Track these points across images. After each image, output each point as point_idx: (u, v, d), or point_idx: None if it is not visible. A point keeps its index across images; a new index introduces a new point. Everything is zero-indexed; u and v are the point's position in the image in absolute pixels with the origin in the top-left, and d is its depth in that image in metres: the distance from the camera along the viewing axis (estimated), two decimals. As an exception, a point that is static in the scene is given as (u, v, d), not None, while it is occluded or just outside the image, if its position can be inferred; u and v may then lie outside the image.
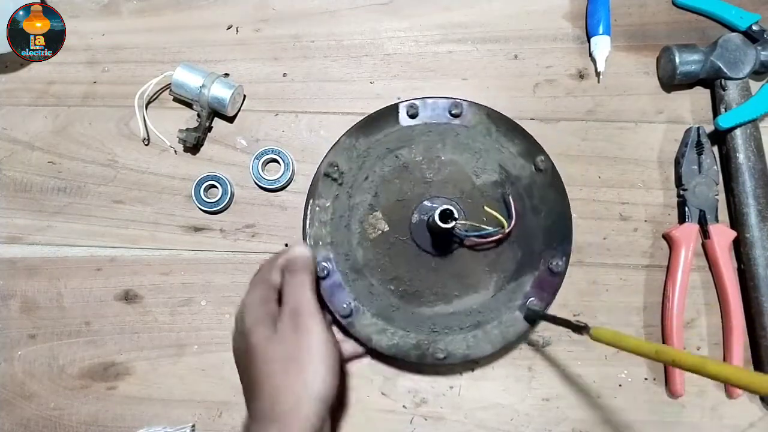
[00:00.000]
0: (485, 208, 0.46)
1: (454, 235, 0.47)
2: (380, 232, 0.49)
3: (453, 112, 0.50)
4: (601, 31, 0.54)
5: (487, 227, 0.46)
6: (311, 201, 0.49)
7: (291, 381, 0.38)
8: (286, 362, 0.38)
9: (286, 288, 0.42)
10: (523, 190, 0.49)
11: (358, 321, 0.48)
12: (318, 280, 0.47)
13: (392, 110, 0.50)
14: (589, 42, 0.55)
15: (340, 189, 0.49)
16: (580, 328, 0.37)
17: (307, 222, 0.49)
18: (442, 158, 0.50)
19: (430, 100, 0.50)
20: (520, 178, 0.49)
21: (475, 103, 0.50)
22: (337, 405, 0.47)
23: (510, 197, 0.47)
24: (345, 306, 0.47)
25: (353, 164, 0.49)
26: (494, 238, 0.47)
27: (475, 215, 0.48)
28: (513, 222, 0.46)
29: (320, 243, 0.49)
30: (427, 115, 0.50)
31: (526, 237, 0.49)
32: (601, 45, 0.54)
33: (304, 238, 0.49)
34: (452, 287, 0.49)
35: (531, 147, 0.50)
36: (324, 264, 0.48)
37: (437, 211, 0.41)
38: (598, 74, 0.55)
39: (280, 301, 0.43)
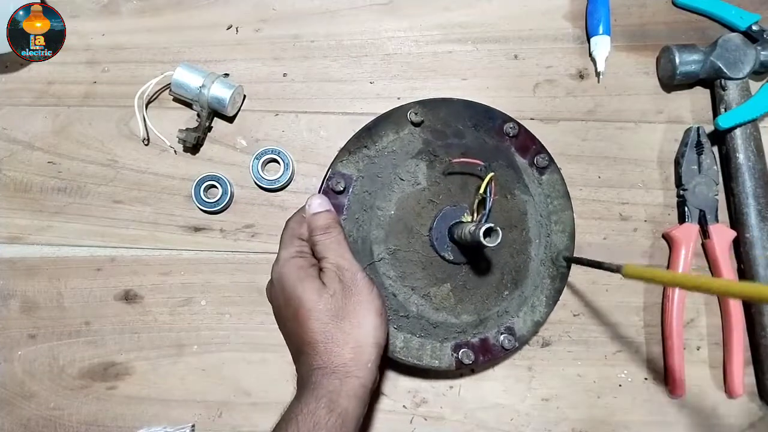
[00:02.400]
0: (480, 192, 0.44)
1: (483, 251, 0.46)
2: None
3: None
4: (601, 31, 0.54)
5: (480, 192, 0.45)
6: None
7: (348, 334, 0.39)
8: (340, 317, 0.39)
9: (320, 247, 0.42)
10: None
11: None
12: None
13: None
14: (589, 42, 0.55)
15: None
16: (612, 269, 0.40)
17: None
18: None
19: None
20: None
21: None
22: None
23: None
24: None
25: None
26: (494, 189, 0.45)
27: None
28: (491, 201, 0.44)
29: None
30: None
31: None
32: (601, 45, 0.54)
33: None
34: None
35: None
36: None
37: (482, 229, 0.39)
38: (598, 74, 0.55)
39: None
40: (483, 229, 0.39)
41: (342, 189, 0.47)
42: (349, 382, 0.38)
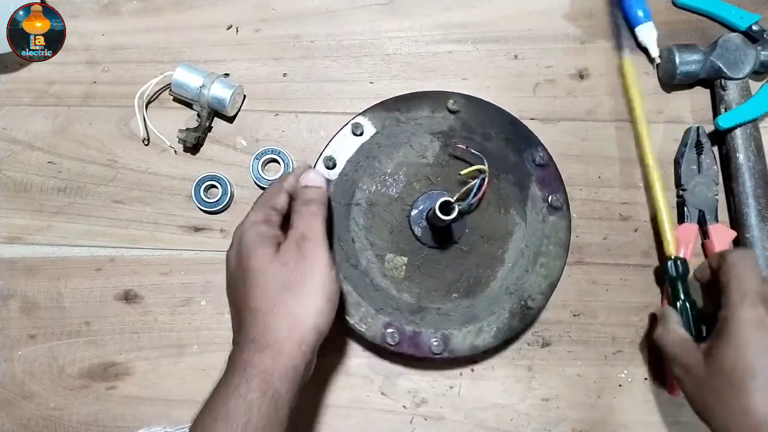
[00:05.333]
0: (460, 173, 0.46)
1: (461, 215, 0.46)
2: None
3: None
4: (642, 17, 0.54)
5: (470, 181, 0.46)
6: None
7: (289, 309, 0.37)
8: (286, 289, 0.37)
9: (296, 215, 0.41)
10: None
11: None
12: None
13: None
14: (633, 33, 0.55)
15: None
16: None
17: None
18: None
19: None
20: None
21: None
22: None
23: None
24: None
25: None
26: (484, 185, 0.45)
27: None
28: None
29: None
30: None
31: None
32: (648, 31, 0.54)
33: None
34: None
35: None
36: None
37: (437, 204, 0.40)
38: (652, 61, 0.54)
39: (283, 226, 0.42)
40: (441, 200, 0.40)
41: (360, 133, 0.49)
42: (280, 361, 0.36)
